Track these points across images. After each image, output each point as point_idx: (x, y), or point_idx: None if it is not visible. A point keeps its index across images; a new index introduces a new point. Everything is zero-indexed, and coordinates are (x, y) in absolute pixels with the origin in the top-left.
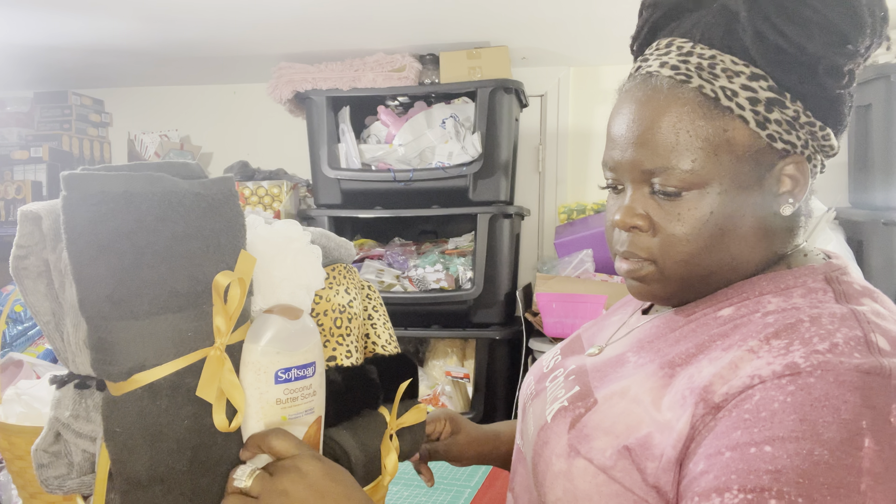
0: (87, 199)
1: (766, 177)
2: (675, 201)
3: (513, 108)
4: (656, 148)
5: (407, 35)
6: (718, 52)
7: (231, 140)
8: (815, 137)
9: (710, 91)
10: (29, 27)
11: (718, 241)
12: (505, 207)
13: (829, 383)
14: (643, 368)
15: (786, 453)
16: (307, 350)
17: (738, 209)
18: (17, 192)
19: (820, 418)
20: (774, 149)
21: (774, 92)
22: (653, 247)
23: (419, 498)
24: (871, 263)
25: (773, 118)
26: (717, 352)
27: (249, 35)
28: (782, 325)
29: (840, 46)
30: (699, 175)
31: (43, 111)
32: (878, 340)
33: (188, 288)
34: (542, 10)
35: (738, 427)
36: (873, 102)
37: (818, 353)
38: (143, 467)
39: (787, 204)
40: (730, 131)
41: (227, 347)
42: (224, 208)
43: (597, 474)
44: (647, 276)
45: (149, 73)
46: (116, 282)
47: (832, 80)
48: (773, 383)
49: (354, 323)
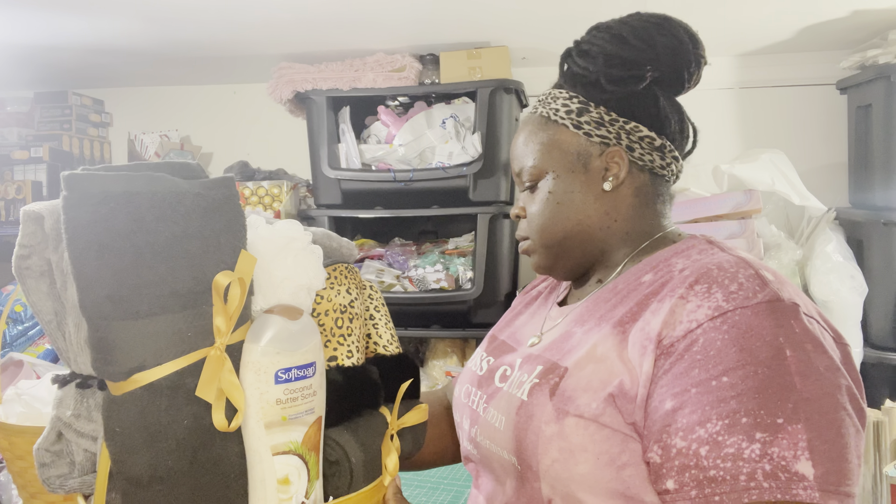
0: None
1: (592, 163)
2: (533, 193)
3: (513, 108)
4: (519, 157)
5: (407, 35)
6: (553, 89)
7: (231, 140)
8: (626, 130)
9: (544, 113)
10: (29, 27)
11: (559, 213)
12: (505, 207)
13: (748, 316)
14: (595, 332)
15: (739, 378)
16: (307, 350)
17: (569, 187)
18: (17, 192)
19: (752, 345)
20: (593, 142)
21: (582, 103)
22: (527, 227)
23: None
24: (871, 263)
25: (583, 121)
26: (654, 304)
27: (249, 35)
28: (698, 273)
29: (613, 62)
30: (539, 168)
31: (43, 111)
32: (766, 275)
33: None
34: (542, 10)
35: (695, 366)
36: (873, 102)
37: (733, 293)
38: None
39: (608, 181)
40: (557, 135)
41: (228, 347)
42: (224, 208)
43: (588, 425)
44: (528, 249)
45: (149, 73)
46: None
47: (616, 87)
48: (709, 325)
49: (356, 323)
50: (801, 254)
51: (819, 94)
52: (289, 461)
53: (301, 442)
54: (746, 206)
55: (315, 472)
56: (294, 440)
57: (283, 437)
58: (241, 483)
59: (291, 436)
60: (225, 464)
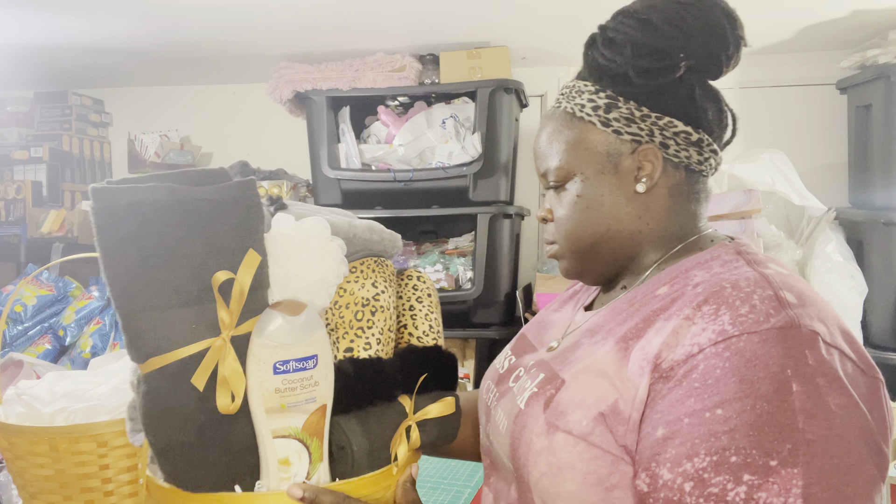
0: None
1: (623, 163)
2: (560, 194)
3: (513, 108)
4: (542, 156)
5: (407, 35)
6: (577, 81)
7: (231, 140)
8: (659, 126)
9: (569, 109)
10: (29, 27)
11: (588, 217)
12: (505, 207)
13: (755, 344)
14: (600, 346)
15: (734, 412)
16: (308, 344)
17: (598, 190)
18: (17, 192)
19: (754, 376)
20: (624, 140)
21: (610, 98)
22: (554, 231)
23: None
24: (871, 263)
25: (612, 117)
26: (660, 323)
27: (249, 35)
28: (709, 292)
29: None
30: (566, 169)
31: (43, 111)
32: (786, 296)
33: (191, 285)
34: (542, 10)
35: (691, 395)
36: (873, 102)
37: (742, 316)
38: (159, 438)
39: (641, 183)
40: (584, 133)
41: (238, 338)
42: (233, 211)
43: (577, 443)
44: (556, 254)
45: (149, 73)
46: (129, 280)
47: (646, 80)
48: (711, 350)
49: (378, 316)
50: (801, 254)
51: (819, 94)
52: (289, 444)
53: (301, 428)
54: (746, 206)
55: (318, 456)
56: (294, 426)
57: (282, 423)
58: (248, 459)
59: (291, 422)
60: (231, 441)
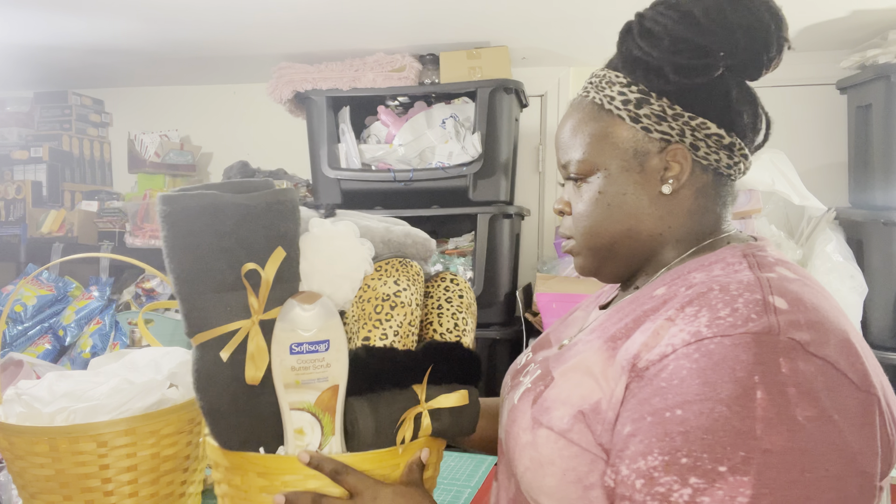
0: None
1: (649, 162)
2: (581, 187)
3: (513, 108)
4: (566, 145)
5: (407, 35)
6: (608, 70)
7: (231, 140)
8: (691, 126)
9: (597, 100)
10: (29, 27)
11: (609, 215)
12: (505, 207)
13: (726, 347)
14: (592, 345)
15: (692, 414)
16: (321, 329)
17: (622, 188)
18: (17, 192)
19: (719, 379)
20: (653, 139)
21: (642, 93)
22: (571, 226)
23: None
24: (871, 263)
25: (643, 114)
26: (648, 323)
27: (249, 35)
28: (696, 294)
29: (681, 48)
30: (589, 163)
31: (43, 111)
32: (775, 301)
33: (228, 275)
34: (542, 10)
35: (657, 394)
36: (873, 102)
37: (720, 319)
38: (202, 401)
39: (667, 184)
40: (611, 127)
41: (267, 322)
42: (266, 215)
43: (557, 439)
44: (572, 250)
45: (149, 73)
46: (182, 269)
47: (683, 78)
48: (683, 351)
49: (398, 311)
50: (801, 254)
51: (819, 94)
52: (303, 416)
53: (314, 403)
54: (746, 206)
55: (329, 430)
56: (307, 401)
57: (297, 397)
58: (274, 427)
59: (305, 397)
60: (260, 410)
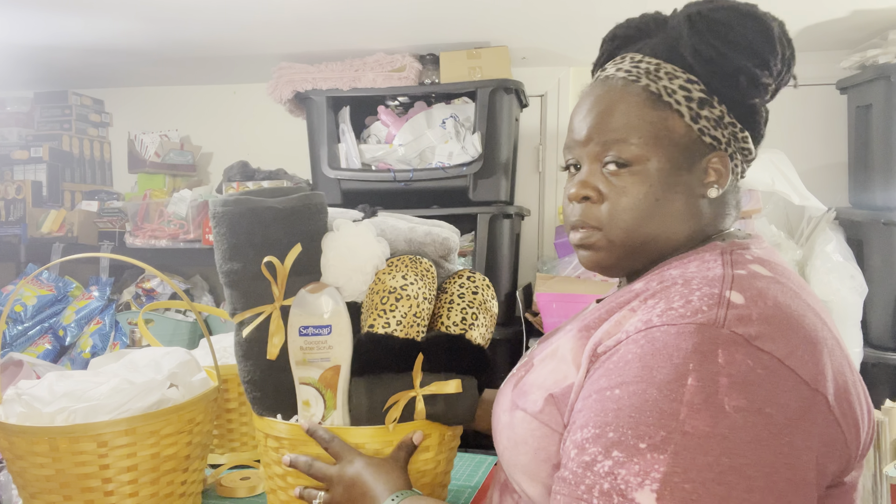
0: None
1: (696, 164)
2: (621, 176)
3: (513, 108)
4: (612, 125)
5: (407, 35)
6: (662, 62)
7: (231, 140)
8: (737, 138)
9: (654, 89)
10: (29, 27)
11: (654, 212)
12: (505, 207)
13: (670, 335)
14: (569, 333)
15: (627, 394)
16: (324, 315)
17: (672, 186)
18: (17, 192)
19: (656, 364)
20: (703, 142)
21: (705, 94)
22: (601, 216)
23: None
24: (871, 263)
25: (703, 115)
26: (618, 314)
27: (249, 35)
28: (662, 286)
29: (758, 62)
30: (643, 151)
31: (43, 111)
32: (731, 296)
33: (256, 267)
34: (542, 10)
35: (604, 375)
36: (873, 102)
37: (672, 310)
38: (242, 372)
39: (712, 188)
40: (669, 121)
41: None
42: (292, 217)
43: (530, 421)
44: (595, 243)
45: (149, 73)
46: (223, 260)
47: (750, 89)
48: (633, 338)
49: (403, 303)
50: (801, 254)
51: (819, 94)
52: (309, 391)
53: (318, 379)
54: (746, 206)
55: (332, 404)
56: (311, 377)
57: (305, 373)
58: (292, 400)
59: (310, 373)
60: (283, 383)
